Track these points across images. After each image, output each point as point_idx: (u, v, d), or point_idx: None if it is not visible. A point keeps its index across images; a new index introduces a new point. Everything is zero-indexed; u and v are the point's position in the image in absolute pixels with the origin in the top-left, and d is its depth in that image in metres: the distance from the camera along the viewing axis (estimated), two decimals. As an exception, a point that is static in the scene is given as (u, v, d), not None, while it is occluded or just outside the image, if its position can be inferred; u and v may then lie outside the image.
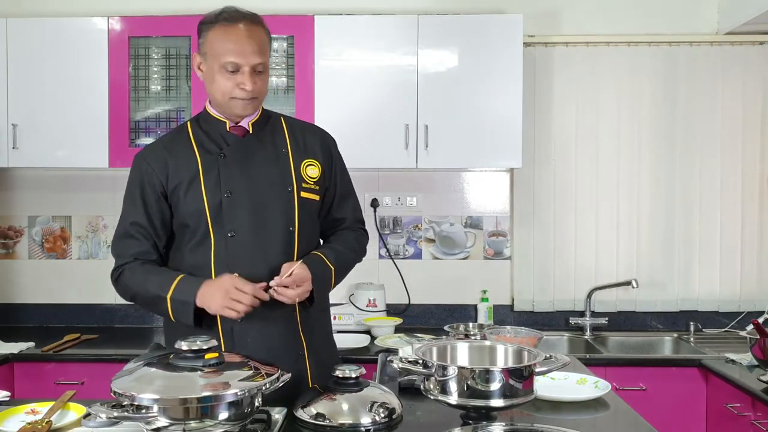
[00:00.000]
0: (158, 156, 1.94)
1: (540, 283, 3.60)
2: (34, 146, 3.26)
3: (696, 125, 3.55)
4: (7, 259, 3.67)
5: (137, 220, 1.92)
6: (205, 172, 1.91)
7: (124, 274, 1.92)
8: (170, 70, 3.33)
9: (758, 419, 2.51)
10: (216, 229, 1.90)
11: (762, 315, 3.34)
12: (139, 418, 1.40)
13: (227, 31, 1.87)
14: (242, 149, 1.95)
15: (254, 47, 1.87)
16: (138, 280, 1.90)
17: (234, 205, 1.90)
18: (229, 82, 1.88)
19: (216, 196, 1.90)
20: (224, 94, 1.90)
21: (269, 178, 1.94)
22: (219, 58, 1.87)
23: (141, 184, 1.94)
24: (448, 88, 3.23)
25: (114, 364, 2.91)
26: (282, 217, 1.93)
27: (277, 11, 3.42)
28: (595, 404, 1.89)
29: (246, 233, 1.90)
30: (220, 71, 1.88)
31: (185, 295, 1.83)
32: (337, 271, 1.98)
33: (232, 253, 1.89)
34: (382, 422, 1.62)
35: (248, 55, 1.86)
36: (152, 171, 1.93)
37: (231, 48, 1.86)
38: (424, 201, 3.63)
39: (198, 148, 1.94)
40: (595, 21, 3.58)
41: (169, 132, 2.08)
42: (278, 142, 2.00)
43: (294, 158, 1.99)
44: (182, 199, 1.91)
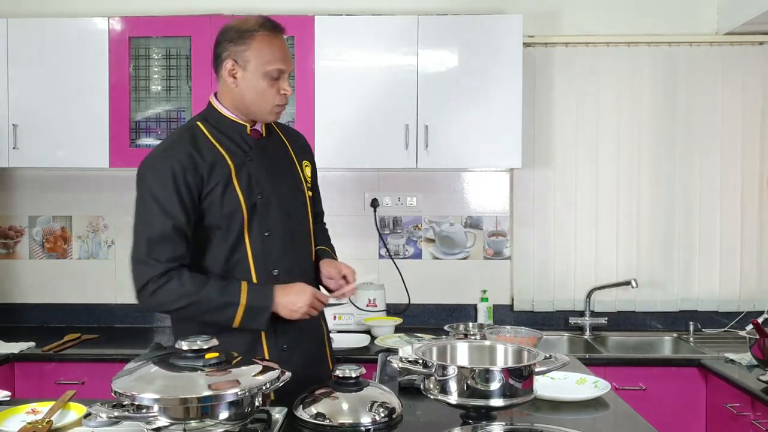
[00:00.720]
0: (188, 157, 1.88)
1: (540, 283, 3.60)
2: (34, 146, 3.27)
3: (696, 125, 3.55)
4: (8, 259, 3.67)
5: (176, 222, 1.85)
6: (237, 174, 1.93)
7: (173, 283, 1.84)
8: (170, 70, 3.33)
9: (758, 419, 2.52)
10: (251, 229, 1.93)
11: (761, 315, 3.35)
12: (140, 417, 1.40)
13: (271, 40, 1.93)
14: (262, 152, 2.00)
15: (289, 54, 1.98)
16: (196, 287, 1.85)
17: (266, 205, 1.96)
18: (272, 88, 1.93)
19: (251, 198, 1.93)
20: (265, 100, 1.93)
21: (288, 179, 2.04)
22: (266, 65, 1.91)
23: (176, 183, 1.85)
24: (448, 88, 3.23)
25: (114, 364, 2.91)
26: (303, 215, 2.06)
27: (277, 11, 3.42)
28: (594, 404, 1.89)
29: (279, 232, 1.97)
30: (264, 78, 1.92)
31: (261, 301, 1.87)
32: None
33: (268, 251, 1.95)
34: (382, 422, 1.62)
35: (289, 62, 1.96)
36: (186, 170, 1.86)
37: (278, 55, 1.92)
38: (424, 201, 3.63)
39: (225, 151, 1.94)
40: (595, 21, 3.59)
41: (180, 133, 1.98)
42: (283, 145, 2.09)
43: (297, 160, 2.10)
44: (218, 201, 1.89)
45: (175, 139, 1.96)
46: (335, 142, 3.22)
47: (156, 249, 1.86)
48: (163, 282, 1.85)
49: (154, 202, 1.87)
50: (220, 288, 1.87)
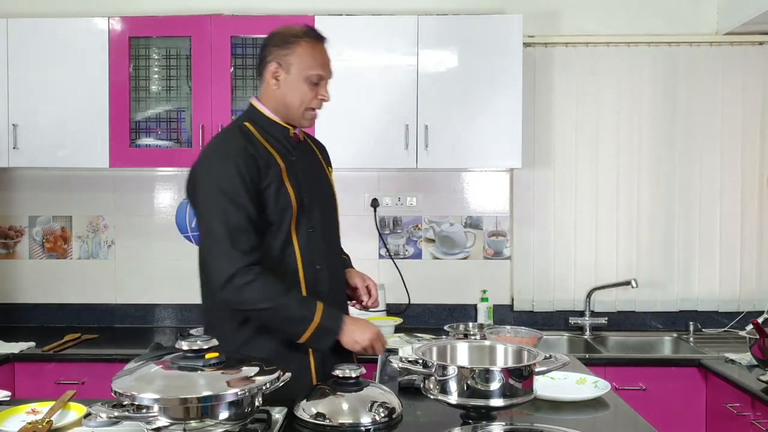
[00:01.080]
0: (247, 153, 1.94)
1: (540, 283, 3.60)
2: (34, 146, 3.27)
3: (696, 125, 3.55)
4: (8, 259, 3.67)
5: (250, 213, 1.91)
6: (288, 173, 2.01)
7: (260, 282, 1.87)
8: (170, 70, 3.33)
9: (757, 419, 2.52)
10: (299, 225, 2.02)
11: (761, 315, 3.35)
12: (140, 417, 1.40)
13: (315, 46, 2.04)
14: (303, 155, 2.12)
15: (330, 62, 2.08)
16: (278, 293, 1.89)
17: (311, 204, 2.06)
18: (311, 92, 2.03)
19: (299, 196, 2.02)
20: (303, 103, 2.03)
21: (324, 182, 2.17)
22: (307, 69, 2.01)
23: (241, 178, 1.91)
24: (448, 88, 3.23)
25: (114, 363, 2.91)
26: (335, 217, 2.20)
27: (277, 11, 3.43)
28: (594, 404, 1.89)
29: (321, 230, 2.08)
30: (305, 81, 2.02)
31: (333, 324, 1.93)
32: None
33: (312, 248, 2.04)
34: (382, 422, 1.62)
35: (328, 70, 2.06)
36: (247, 166, 1.92)
37: (320, 61, 2.03)
38: (424, 201, 3.63)
39: (274, 151, 2.02)
40: (595, 21, 3.59)
41: (232, 132, 2.03)
42: (313, 150, 2.20)
43: (325, 165, 2.23)
44: (273, 197, 1.96)
45: (230, 137, 2.01)
46: (335, 142, 3.20)
47: (237, 240, 1.88)
48: (250, 279, 1.87)
49: (224, 196, 1.90)
50: (299, 300, 1.94)
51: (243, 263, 1.87)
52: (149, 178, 3.65)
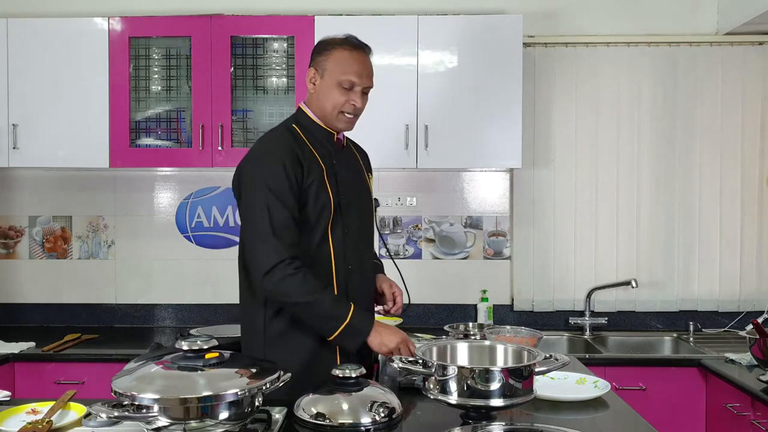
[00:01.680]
0: (293, 152, 2.04)
1: (540, 283, 3.60)
2: (34, 146, 3.27)
3: (696, 125, 3.55)
4: (8, 259, 3.67)
5: (291, 210, 1.99)
6: (328, 174, 2.09)
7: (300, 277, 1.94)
8: (170, 70, 3.33)
9: (757, 419, 2.52)
10: (335, 225, 2.09)
11: (761, 315, 3.35)
12: (140, 417, 1.40)
13: (351, 54, 2.10)
14: (344, 159, 2.19)
15: (368, 71, 2.12)
16: (316, 290, 1.96)
17: (348, 206, 2.13)
18: (342, 97, 2.09)
19: (337, 197, 2.09)
20: (335, 107, 2.09)
21: (361, 186, 2.23)
22: (339, 75, 2.08)
23: (287, 176, 1.99)
24: (448, 88, 3.23)
25: (114, 363, 2.92)
26: (371, 222, 2.26)
27: (277, 11, 3.43)
28: (594, 404, 1.90)
29: (355, 232, 2.14)
30: (337, 87, 2.08)
31: (363, 326, 1.98)
32: None
33: (346, 248, 2.11)
34: (382, 422, 1.62)
35: (363, 77, 2.10)
36: (293, 164, 2.01)
37: (353, 68, 2.08)
38: (424, 201, 3.63)
39: (318, 153, 2.11)
40: (595, 21, 3.59)
41: (281, 131, 2.12)
42: (355, 157, 2.27)
43: (365, 172, 2.29)
44: (313, 195, 2.04)
45: (278, 137, 2.10)
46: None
47: (281, 234, 1.97)
48: (291, 272, 1.94)
49: (270, 192, 1.99)
50: (333, 299, 2.00)
51: (285, 256, 1.94)
52: (149, 178, 3.65)
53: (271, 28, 3.26)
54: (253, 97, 3.32)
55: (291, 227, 1.98)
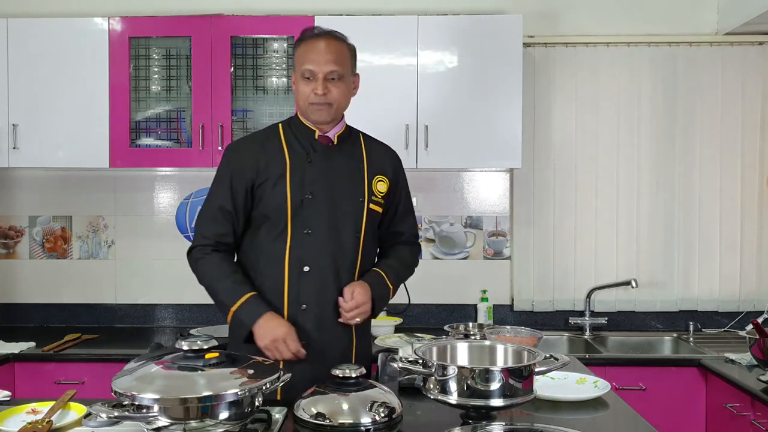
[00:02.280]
0: (251, 150, 2.12)
1: (540, 283, 3.61)
2: (34, 146, 3.27)
3: (695, 125, 3.55)
4: (8, 259, 3.67)
5: (224, 204, 2.09)
6: (292, 172, 2.09)
7: (202, 262, 2.08)
8: (170, 70, 3.33)
9: (757, 419, 2.52)
10: (294, 225, 2.08)
11: (761, 315, 3.35)
12: (140, 417, 1.40)
13: (309, 43, 2.09)
14: (326, 158, 2.14)
15: (329, 57, 2.06)
16: (214, 275, 2.07)
17: (313, 206, 2.09)
18: (307, 88, 2.08)
19: (298, 196, 2.08)
20: (304, 99, 2.10)
21: (346, 187, 2.14)
22: (300, 67, 2.09)
23: (231, 174, 2.10)
24: (448, 88, 3.23)
25: (114, 363, 2.91)
26: (352, 223, 2.13)
27: (277, 11, 3.43)
28: (594, 404, 1.90)
29: (320, 233, 2.09)
30: (301, 79, 2.09)
31: (246, 318, 2.01)
32: (394, 288, 2.23)
33: (305, 249, 2.08)
34: (382, 422, 1.62)
35: (321, 64, 2.05)
36: (243, 163, 2.09)
37: (309, 58, 2.07)
38: (424, 201, 3.63)
39: (288, 149, 2.12)
40: (595, 21, 3.59)
41: (262, 130, 2.24)
42: (357, 156, 2.20)
43: (368, 173, 2.19)
44: (268, 193, 2.08)
45: (251, 135, 2.25)
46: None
47: (204, 223, 2.12)
48: (201, 256, 2.09)
49: (215, 184, 2.13)
50: (230, 287, 2.05)
51: (203, 242, 2.09)
52: (149, 178, 3.65)
53: (271, 28, 3.26)
54: (253, 97, 3.32)
55: (217, 218, 2.08)
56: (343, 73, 2.09)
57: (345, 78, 2.10)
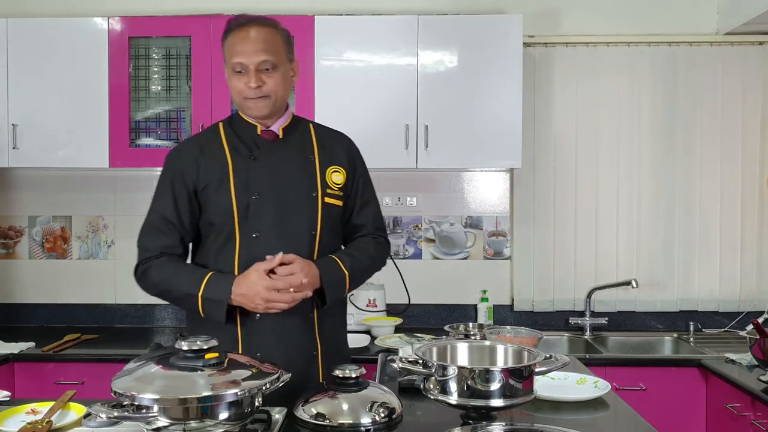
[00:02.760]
0: (190, 154, 2.00)
1: (540, 283, 3.60)
2: (34, 146, 3.27)
3: (696, 125, 3.55)
4: (8, 259, 3.67)
5: (166, 214, 1.97)
6: (235, 173, 1.97)
7: (151, 270, 1.94)
8: (170, 70, 3.33)
9: (758, 419, 2.52)
10: (242, 229, 1.95)
11: (762, 315, 3.35)
12: (140, 418, 1.40)
13: (235, 35, 1.96)
14: (271, 153, 2.01)
15: (257, 46, 1.92)
16: (166, 276, 1.93)
17: (260, 206, 1.95)
18: (239, 82, 1.95)
19: (244, 198, 1.95)
20: (238, 95, 1.98)
21: (296, 182, 2.00)
22: (229, 61, 1.96)
23: (172, 180, 1.98)
24: (448, 88, 3.23)
25: (114, 364, 2.91)
26: (305, 220, 1.99)
27: (277, 11, 3.42)
28: (594, 404, 1.89)
29: (270, 235, 1.95)
30: (232, 74, 1.97)
31: (218, 294, 1.88)
32: (353, 276, 2.02)
33: (255, 253, 1.93)
34: (382, 422, 1.62)
35: (251, 54, 1.92)
36: (183, 168, 1.98)
37: (237, 50, 1.94)
38: (424, 201, 3.63)
39: (229, 150, 2.00)
40: (595, 21, 3.59)
41: (202, 131, 2.14)
42: (306, 148, 2.06)
43: (320, 164, 2.05)
44: (211, 197, 1.96)
45: (191, 139, 2.11)
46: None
47: (146, 237, 1.99)
48: (144, 269, 1.96)
49: (156, 194, 2.01)
50: (185, 277, 1.92)
51: (143, 257, 1.97)
52: (149, 178, 3.63)
53: (271, 28, 3.26)
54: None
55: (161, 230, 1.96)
56: (277, 62, 1.95)
57: (280, 67, 1.95)
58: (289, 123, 2.07)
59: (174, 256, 1.97)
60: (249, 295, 1.85)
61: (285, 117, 2.06)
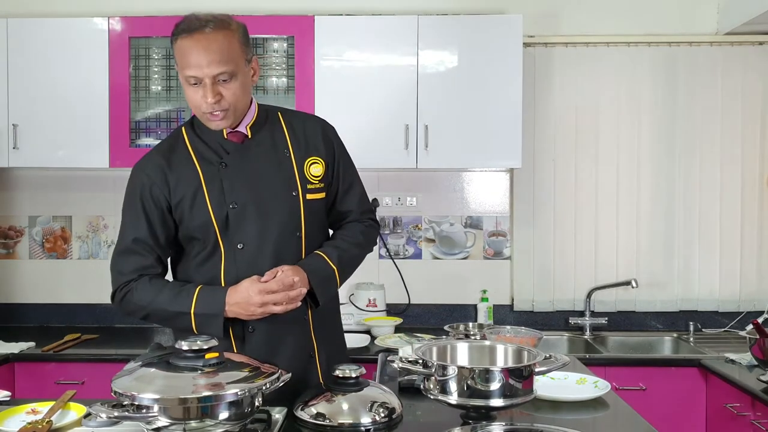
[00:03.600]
0: (157, 169, 1.87)
1: (540, 283, 3.60)
2: (34, 146, 3.27)
3: (696, 125, 3.55)
4: (8, 259, 3.67)
5: (138, 235, 1.85)
6: (208, 183, 1.85)
7: (132, 294, 1.84)
8: (170, 70, 3.33)
9: (758, 419, 2.52)
10: (225, 241, 1.86)
11: (761, 315, 3.35)
12: (140, 417, 1.40)
13: (184, 43, 1.78)
14: (243, 156, 1.88)
15: (212, 57, 1.75)
16: (151, 297, 1.83)
17: (240, 216, 1.85)
18: (195, 95, 1.80)
19: (222, 209, 1.85)
20: (196, 108, 1.83)
21: (273, 184, 1.89)
22: (182, 71, 1.80)
23: (141, 198, 1.86)
24: (448, 88, 3.23)
25: (114, 363, 2.91)
26: (289, 223, 1.89)
27: (277, 11, 3.43)
28: (594, 404, 1.89)
29: (255, 244, 1.86)
30: (186, 85, 1.81)
31: (211, 308, 1.79)
32: (342, 269, 1.93)
33: (241, 265, 1.86)
34: (382, 422, 1.62)
35: (204, 67, 1.76)
36: (152, 184, 1.86)
37: (189, 61, 1.77)
38: (424, 201, 3.63)
39: (197, 159, 1.87)
40: (595, 21, 3.59)
41: (164, 140, 1.98)
42: (279, 142, 1.93)
43: (296, 158, 1.93)
44: (187, 212, 1.85)
45: (153, 152, 1.94)
46: (335, 142, 3.21)
47: (120, 261, 1.88)
48: (125, 293, 1.86)
49: (126, 215, 1.90)
50: (172, 296, 1.82)
51: (120, 283, 1.86)
52: (149, 178, 3.65)
53: (271, 28, 3.26)
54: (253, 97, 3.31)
55: (135, 252, 1.85)
56: (235, 70, 1.78)
57: (238, 74, 1.80)
58: (255, 119, 1.92)
59: (154, 276, 1.86)
60: (243, 302, 1.78)
61: (250, 114, 1.91)
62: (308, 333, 1.96)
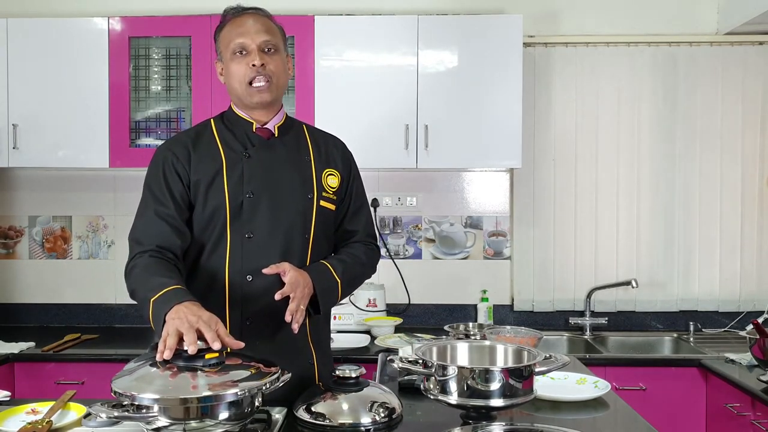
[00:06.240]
0: (182, 147, 1.90)
1: (540, 283, 3.60)
2: (34, 146, 3.27)
3: (696, 125, 3.55)
4: (8, 259, 3.67)
5: (161, 207, 1.84)
6: (229, 169, 1.88)
7: (135, 267, 1.78)
8: (170, 70, 3.33)
9: (758, 419, 2.52)
10: (234, 229, 1.87)
11: (762, 315, 3.35)
12: (140, 417, 1.40)
13: (233, 22, 1.91)
14: (267, 151, 1.93)
15: (258, 27, 1.89)
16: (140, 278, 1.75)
17: (255, 206, 1.87)
18: (240, 65, 1.88)
19: (238, 196, 1.87)
20: (241, 81, 1.89)
21: (291, 182, 1.92)
22: (228, 46, 1.90)
23: (164, 172, 1.87)
24: (448, 88, 3.23)
25: (114, 364, 2.91)
26: (300, 223, 1.91)
27: (277, 11, 3.39)
28: (594, 404, 1.89)
29: (263, 236, 1.87)
30: (232, 59, 1.89)
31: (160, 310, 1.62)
32: (344, 284, 1.94)
33: (247, 255, 1.86)
34: (382, 422, 1.62)
35: (252, 34, 1.88)
36: (176, 159, 1.88)
37: (237, 32, 1.89)
38: (424, 201, 3.63)
39: (222, 146, 1.92)
40: (595, 21, 3.59)
41: (192, 127, 2.02)
42: (302, 148, 1.99)
43: (316, 166, 1.97)
44: (202, 195, 1.87)
45: (181, 133, 2.00)
46: (335, 142, 3.21)
47: (139, 233, 1.86)
48: (131, 267, 1.81)
49: (147, 190, 1.90)
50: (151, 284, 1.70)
51: (134, 252, 1.83)
52: (149, 178, 3.65)
53: (271, 28, 3.26)
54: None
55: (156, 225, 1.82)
56: (279, 45, 1.91)
57: (280, 52, 1.91)
58: (283, 122, 1.99)
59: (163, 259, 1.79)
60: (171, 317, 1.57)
61: (280, 115, 1.98)
62: (306, 339, 1.94)
